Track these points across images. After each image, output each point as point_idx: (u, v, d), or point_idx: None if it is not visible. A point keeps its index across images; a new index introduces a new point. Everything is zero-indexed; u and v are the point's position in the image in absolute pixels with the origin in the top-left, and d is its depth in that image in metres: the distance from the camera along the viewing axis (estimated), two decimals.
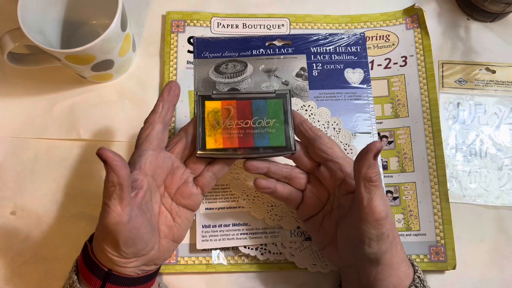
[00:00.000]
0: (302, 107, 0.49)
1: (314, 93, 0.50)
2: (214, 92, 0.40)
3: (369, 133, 0.49)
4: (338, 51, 0.52)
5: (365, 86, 0.51)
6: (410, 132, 0.49)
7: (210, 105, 0.40)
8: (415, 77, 0.51)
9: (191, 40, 0.52)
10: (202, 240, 0.45)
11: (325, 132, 0.49)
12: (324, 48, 0.52)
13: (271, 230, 0.46)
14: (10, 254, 0.46)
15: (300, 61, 0.52)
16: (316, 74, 0.51)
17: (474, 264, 0.47)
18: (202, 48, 0.52)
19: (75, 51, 0.42)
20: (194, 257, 0.46)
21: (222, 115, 0.40)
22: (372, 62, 0.52)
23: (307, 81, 0.51)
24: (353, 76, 0.51)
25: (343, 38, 0.52)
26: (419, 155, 0.49)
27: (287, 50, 0.52)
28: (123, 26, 0.46)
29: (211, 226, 0.46)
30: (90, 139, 0.49)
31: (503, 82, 0.52)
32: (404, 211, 0.47)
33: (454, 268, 0.46)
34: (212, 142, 0.39)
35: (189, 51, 0.52)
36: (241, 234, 0.46)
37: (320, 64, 0.51)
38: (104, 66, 0.47)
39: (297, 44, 0.52)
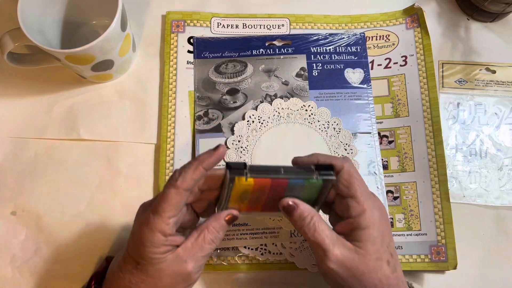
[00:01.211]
0: (302, 107, 0.49)
1: (314, 93, 0.50)
2: (247, 166, 0.34)
3: (369, 133, 0.49)
4: (338, 51, 0.52)
5: (365, 86, 0.51)
6: (411, 131, 0.49)
7: (240, 185, 0.34)
8: (415, 77, 0.51)
9: (191, 40, 0.52)
10: None
11: (325, 132, 0.49)
12: (324, 48, 0.52)
13: (271, 230, 0.46)
14: (10, 254, 0.46)
15: (300, 61, 0.52)
16: (316, 74, 0.51)
17: (474, 264, 0.47)
18: (202, 48, 0.52)
19: (75, 51, 0.42)
20: None
21: (251, 194, 0.35)
22: (372, 62, 0.52)
23: (307, 81, 0.51)
24: (353, 76, 0.51)
25: (343, 38, 0.52)
26: (420, 154, 0.49)
27: (287, 50, 0.52)
28: (123, 26, 0.46)
29: None
30: (90, 139, 0.49)
31: (503, 82, 0.52)
32: (404, 211, 0.47)
33: (455, 268, 0.46)
34: (235, 208, 0.36)
35: (189, 51, 0.52)
36: (241, 234, 0.46)
37: (320, 64, 0.51)
38: (104, 66, 0.47)
39: (297, 44, 0.52)
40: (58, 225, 0.47)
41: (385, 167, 0.49)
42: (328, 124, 0.49)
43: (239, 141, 0.48)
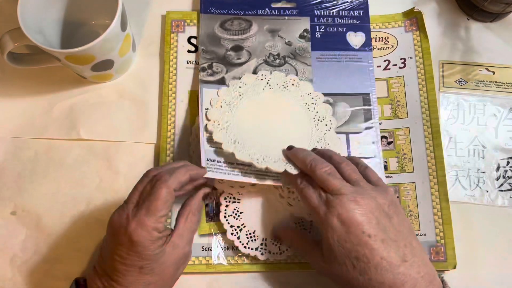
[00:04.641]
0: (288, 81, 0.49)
1: (315, 54, 0.52)
2: None
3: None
4: (341, 14, 0.53)
5: (366, 49, 0.52)
6: (410, 132, 0.49)
7: None
8: (414, 79, 0.51)
9: (191, 40, 0.52)
10: (208, 170, 0.44)
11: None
12: (327, 11, 0.53)
13: (273, 175, 0.44)
14: (10, 254, 0.46)
15: (304, 23, 0.53)
16: (319, 36, 0.52)
17: (473, 264, 0.47)
18: (208, 4, 0.53)
19: (75, 51, 0.42)
20: (194, 257, 0.46)
21: None
22: None
23: (310, 43, 0.52)
24: (355, 39, 0.52)
25: (347, 2, 0.54)
26: (419, 155, 0.49)
27: (292, 12, 0.53)
28: (123, 26, 0.46)
29: (216, 161, 0.44)
30: (90, 139, 0.50)
31: (502, 83, 0.52)
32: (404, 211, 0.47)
33: (454, 267, 0.46)
34: None
35: (189, 51, 0.52)
36: (245, 172, 0.44)
37: (323, 27, 0.53)
38: (104, 66, 0.47)
39: (301, 6, 0.53)
40: (58, 225, 0.47)
41: (384, 167, 0.49)
42: (310, 97, 0.48)
43: (221, 106, 0.47)
